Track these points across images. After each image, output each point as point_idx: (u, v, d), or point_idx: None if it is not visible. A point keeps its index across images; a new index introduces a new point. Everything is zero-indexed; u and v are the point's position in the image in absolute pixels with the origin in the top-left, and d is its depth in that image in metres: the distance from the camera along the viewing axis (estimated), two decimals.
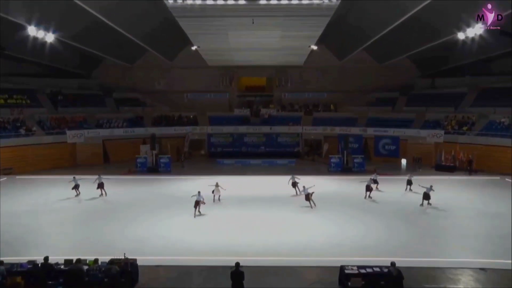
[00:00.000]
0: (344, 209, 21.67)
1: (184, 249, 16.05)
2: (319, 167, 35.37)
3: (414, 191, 24.89)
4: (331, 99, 46.62)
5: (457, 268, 14.03)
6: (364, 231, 18.14)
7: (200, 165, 37.05)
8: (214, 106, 46.21)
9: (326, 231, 18.17)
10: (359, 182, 26.26)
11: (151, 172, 32.72)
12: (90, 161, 36.02)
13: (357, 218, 20.02)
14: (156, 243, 16.70)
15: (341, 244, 16.56)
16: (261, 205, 22.62)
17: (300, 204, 22.53)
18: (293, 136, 42.82)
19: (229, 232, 18.05)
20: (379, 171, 30.34)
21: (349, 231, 18.20)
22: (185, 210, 21.36)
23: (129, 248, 14.68)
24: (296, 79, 47.52)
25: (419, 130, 37.07)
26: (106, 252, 14.63)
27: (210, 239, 17.12)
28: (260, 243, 16.68)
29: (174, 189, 26.85)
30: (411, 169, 33.31)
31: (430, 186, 22.27)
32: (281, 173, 30.73)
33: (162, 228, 18.65)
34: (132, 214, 20.93)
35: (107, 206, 22.57)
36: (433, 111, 39.67)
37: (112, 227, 18.73)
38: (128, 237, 17.32)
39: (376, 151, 38.97)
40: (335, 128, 41.10)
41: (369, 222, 19.34)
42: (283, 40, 31.20)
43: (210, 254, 15.52)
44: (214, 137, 42.60)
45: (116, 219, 20.05)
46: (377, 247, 16.16)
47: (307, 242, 16.80)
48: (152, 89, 46.84)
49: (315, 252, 15.70)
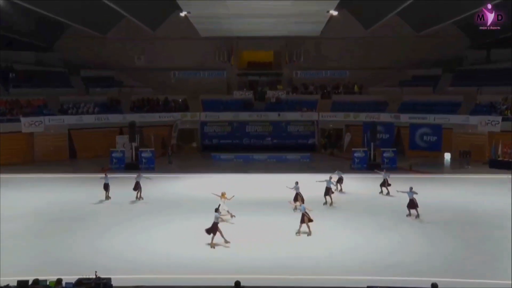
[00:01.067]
0: (371, 216, 21.55)
1: (170, 265, 15.98)
2: (339, 163, 35.17)
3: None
4: (355, 79, 46.39)
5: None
6: (397, 243, 18.02)
7: (191, 161, 36.95)
8: (209, 87, 46.08)
9: (348, 243, 18.08)
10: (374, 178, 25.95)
11: (130, 169, 32.63)
12: (52, 156, 35.94)
13: (389, 228, 19.90)
14: (135, 258, 16.62)
15: (368, 260, 16.43)
16: (267, 211, 22.50)
17: (316, 210, 22.38)
18: (307, 124, 42.68)
19: (227, 244, 17.90)
20: (416, 168, 30.20)
21: (378, 243, 18.08)
22: (172, 217, 21.29)
23: (101, 265, 14.61)
24: (311, 53, 47.24)
25: (468, 117, 36.78)
26: (71, 270, 14.46)
27: (203, 253, 17.03)
28: (266, 257, 16.60)
29: (158, 190, 26.80)
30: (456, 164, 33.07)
31: (410, 188, 21.47)
32: (291, 171, 30.58)
33: (143, 240, 18.55)
34: (106, 222, 20.82)
35: (74, 213, 22.45)
36: (487, 91, 39.26)
37: (80, 239, 18.62)
38: (100, 251, 17.24)
39: (412, 144, 38.79)
40: (360, 115, 40.98)
41: (404, 233, 19.20)
42: (296, 3, 30.87)
43: (204, 271, 15.42)
44: (208, 126, 42.53)
45: (85, 229, 19.94)
46: (415, 264, 16.03)
47: (324, 256, 16.73)
48: (131, 65, 46.74)
49: (335, 269, 15.61)
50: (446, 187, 27.54)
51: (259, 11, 33.06)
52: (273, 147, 41.25)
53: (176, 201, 24.38)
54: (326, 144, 42.67)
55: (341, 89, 46.13)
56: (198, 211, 22.30)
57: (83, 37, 44.41)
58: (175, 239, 18.59)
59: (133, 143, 33.99)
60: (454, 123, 37.21)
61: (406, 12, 38.88)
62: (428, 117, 38.39)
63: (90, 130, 38.40)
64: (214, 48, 46.83)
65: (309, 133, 42.72)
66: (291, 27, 39.25)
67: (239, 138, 42.51)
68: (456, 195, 25.41)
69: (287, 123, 42.67)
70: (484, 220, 20.96)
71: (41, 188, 26.41)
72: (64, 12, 36.10)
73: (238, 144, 41.98)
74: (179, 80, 47.21)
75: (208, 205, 23.19)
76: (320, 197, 23.44)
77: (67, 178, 30.52)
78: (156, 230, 19.72)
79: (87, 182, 28.91)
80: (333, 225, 20.35)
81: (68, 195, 25.65)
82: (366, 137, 35.84)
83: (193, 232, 19.37)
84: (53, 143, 36.71)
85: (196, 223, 20.42)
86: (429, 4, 35.15)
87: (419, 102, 40.91)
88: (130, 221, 20.83)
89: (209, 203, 23.64)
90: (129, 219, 21.08)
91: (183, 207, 23.19)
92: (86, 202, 24.19)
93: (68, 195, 25.78)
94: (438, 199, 24.60)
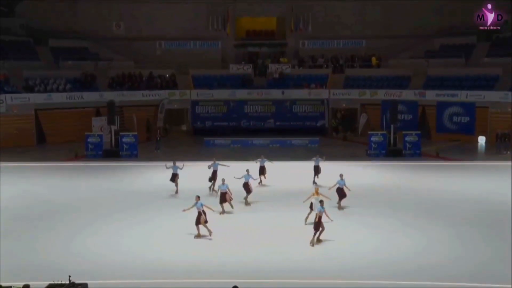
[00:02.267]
0: (392, 212, 21.62)
1: (156, 268, 16.02)
2: (353, 149, 35.29)
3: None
4: (373, 49, 46.33)
5: None
6: (423, 243, 18.08)
7: (180, 148, 36.94)
8: (201, 60, 46.06)
9: (364, 243, 18.14)
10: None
11: (109, 157, 32.78)
12: (16, 141, 35.90)
13: (413, 225, 19.95)
14: (115, 260, 16.67)
15: (388, 262, 16.49)
16: (269, 205, 22.57)
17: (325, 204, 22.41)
18: (316, 104, 42.72)
19: (223, 244, 17.99)
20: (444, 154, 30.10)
21: (400, 243, 18.15)
22: (158, 213, 21.34)
23: (76, 269, 14.65)
24: (321, 20, 47.11)
25: (508, 93, 36.75)
26: (42, 275, 14.51)
27: (195, 255, 17.08)
28: (267, 259, 16.66)
29: (142, 181, 26.85)
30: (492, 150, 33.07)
31: (340, 176, 21.92)
32: (298, 158, 30.58)
33: (124, 239, 18.59)
34: (81, 220, 20.81)
35: (44, 208, 22.47)
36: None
37: (51, 239, 18.63)
38: (74, 253, 17.25)
39: (440, 125, 38.96)
40: (378, 92, 41.11)
41: (431, 231, 19.23)
42: None
43: (196, 275, 15.45)
44: (200, 105, 42.56)
45: (56, 227, 19.94)
46: (444, 267, 16.09)
47: (334, 258, 16.83)
48: (108, 34, 46.66)
49: (348, 272, 15.68)
50: (480, 176, 27.58)
51: None
52: (276, 130, 41.34)
53: (161, 194, 24.39)
54: (338, 126, 42.71)
55: (356, 63, 46.11)
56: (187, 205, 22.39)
57: (50, 0, 44.15)
58: (162, 238, 18.60)
59: (112, 126, 33.96)
60: (491, 100, 37.32)
61: None
62: (459, 94, 38.48)
63: (61, 111, 38.48)
64: (207, 14, 46.65)
65: (318, 114, 42.72)
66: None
67: (236, 120, 42.56)
68: (493, 187, 25.40)
69: (293, 103, 42.66)
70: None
71: (4, 179, 26.34)
72: None
73: (235, 127, 42.05)
74: (166, 52, 47.14)
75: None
76: (355, 188, 23.33)
77: (34, 167, 30.51)
78: (139, 228, 19.72)
79: (59, 172, 28.91)
80: (346, 222, 20.40)
81: (36, 188, 25.65)
82: (385, 118, 35.89)
83: (183, 230, 19.41)
84: (17, 126, 36.69)
85: (184, 220, 20.50)
86: None
87: (448, 77, 40.96)
88: (109, 217, 20.87)
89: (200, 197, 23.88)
90: (107, 215, 21.10)
91: (170, 201, 23.30)
92: (57, 195, 24.19)
93: (36, 187, 25.78)
94: (470, 191, 24.63)
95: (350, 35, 47.00)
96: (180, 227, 19.66)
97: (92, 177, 26.96)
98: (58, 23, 45.41)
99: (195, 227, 18.58)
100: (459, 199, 23.29)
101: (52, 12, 45.14)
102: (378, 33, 46.09)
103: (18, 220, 20.77)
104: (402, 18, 45.50)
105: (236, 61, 46.96)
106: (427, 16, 45.18)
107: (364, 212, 21.59)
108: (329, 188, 22.36)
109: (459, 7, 44.07)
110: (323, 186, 22.94)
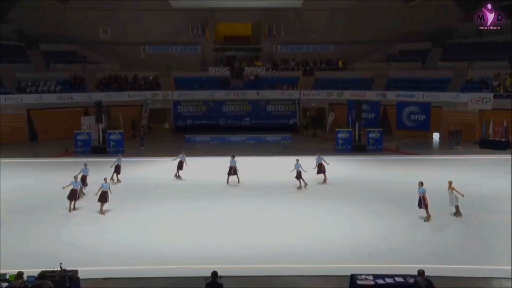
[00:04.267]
0: (358, 201, 21.76)
1: (142, 255, 15.95)
2: (322, 144, 35.43)
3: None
4: (339, 54, 46.50)
5: (508, 279, 14.14)
6: (385, 229, 18.22)
7: (163, 144, 36.76)
8: (182, 63, 45.77)
9: (332, 230, 18.25)
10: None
11: (96, 153, 32.49)
12: (10, 138, 35.50)
13: (375, 212, 20.12)
14: (103, 248, 16.56)
15: (353, 247, 16.65)
16: (246, 196, 22.58)
17: (298, 195, 22.54)
18: (288, 103, 42.86)
19: (203, 231, 17.97)
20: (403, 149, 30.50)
21: (364, 229, 18.28)
22: (143, 204, 21.23)
23: (66, 257, 14.52)
24: (292, 26, 47.23)
25: (459, 94, 37.26)
26: (34, 262, 14.35)
27: (178, 242, 17.07)
28: (246, 246, 16.67)
29: (128, 175, 26.62)
30: (445, 145, 33.59)
31: (296, 160, 23.46)
32: (272, 153, 30.65)
33: (111, 229, 18.50)
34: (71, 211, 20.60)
35: (35, 200, 22.20)
36: (479, 66, 39.70)
37: (43, 229, 18.44)
38: (65, 242, 17.11)
39: (400, 123, 39.33)
40: (344, 93, 41.32)
41: (392, 218, 19.43)
42: None
43: (178, 261, 15.45)
44: (182, 105, 42.39)
45: (48, 218, 19.74)
46: (402, 251, 16.26)
47: (307, 244, 16.85)
48: (96, 39, 46.16)
49: (319, 257, 15.75)
50: (435, 169, 27.91)
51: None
52: (252, 128, 41.36)
53: (146, 187, 24.31)
54: (308, 124, 42.88)
55: (324, 65, 46.22)
56: (170, 197, 22.39)
57: (42, 7, 43.52)
58: (146, 228, 18.51)
59: (100, 124, 33.73)
60: (444, 100, 37.69)
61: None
62: (416, 94, 38.79)
63: (51, 110, 38.10)
64: (188, 21, 46.40)
65: (290, 112, 42.88)
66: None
67: (215, 118, 42.48)
68: (445, 178, 25.67)
69: (267, 102, 42.74)
70: (476, 204, 21.23)
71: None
72: None
73: (214, 125, 42.01)
74: (149, 55, 46.79)
75: (180, 191, 23.43)
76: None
77: (27, 163, 30.10)
78: (125, 218, 19.63)
79: (50, 167, 28.56)
80: (317, 211, 20.49)
81: (28, 182, 25.29)
82: (351, 116, 36.15)
83: (166, 219, 19.39)
84: (11, 124, 36.27)
85: (168, 210, 20.49)
86: None
87: (407, 79, 41.31)
88: (97, 208, 20.63)
89: (182, 189, 23.86)
90: (96, 207, 20.88)
91: (154, 192, 23.22)
92: (48, 189, 23.85)
93: (28, 181, 25.41)
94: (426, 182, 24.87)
95: (319, 40, 47.05)
96: (162, 217, 19.68)
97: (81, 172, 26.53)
98: (49, 28, 44.67)
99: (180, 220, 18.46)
100: (416, 189, 23.51)
101: (43, 18, 44.38)
102: (344, 39, 46.28)
103: (10, 212, 20.42)
104: (365, 25, 45.73)
105: (215, 64, 46.81)
106: (388, 24, 45.46)
107: (333, 201, 21.69)
108: (290, 171, 23.41)
109: (416, 16, 44.56)
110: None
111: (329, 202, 21.64)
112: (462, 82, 38.85)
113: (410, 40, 45.04)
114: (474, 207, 20.64)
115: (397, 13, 45.21)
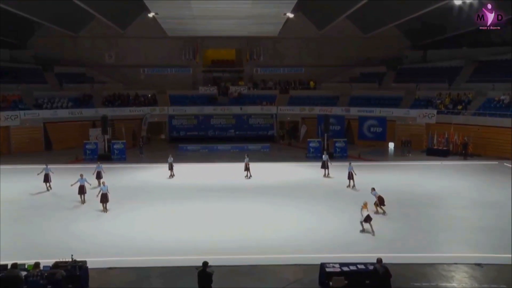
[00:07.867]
0: (325, 200, 21.87)
1: (141, 248, 15.86)
2: (296, 152, 35.54)
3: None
4: (310, 75, 46.76)
5: (451, 264, 14.37)
6: (347, 224, 18.28)
7: (160, 152, 36.52)
8: (176, 83, 45.71)
9: (304, 225, 18.31)
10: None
11: (102, 160, 32.02)
12: (29, 148, 35.06)
13: (340, 210, 20.24)
14: (109, 241, 16.45)
15: (322, 239, 16.71)
16: (231, 196, 22.58)
17: (275, 195, 22.60)
18: (267, 117, 42.86)
19: (195, 227, 17.94)
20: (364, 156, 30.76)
21: (331, 224, 18.38)
22: (142, 204, 21.14)
23: (76, 249, 14.39)
24: (270, 52, 47.39)
25: (409, 110, 37.73)
26: (49, 254, 14.27)
27: (173, 236, 16.99)
28: (231, 239, 16.67)
29: (129, 179, 26.51)
30: (398, 152, 34.01)
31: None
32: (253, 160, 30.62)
33: (116, 224, 18.38)
34: (80, 209, 20.54)
35: (50, 200, 22.03)
36: (424, 87, 40.34)
37: (56, 224, 18.27)
38: (75, 236, 16.96)
39: (361, 134, 39.51)
40: (314, 108, 41.41)
41: (353, 214, 19.36)
42: (255, 6, 30.84)
43: (173, 252, 15.39)
44: (176, 119, 42.16)
45: (61, 214, 19.58)
46: (362, 242, 16.37)
47: (283, 237, 16.89)
48: (102, 62, 45.83)
49: (293, 248, 15.80)
50: (390, 173, 28.22)
51: (222, 13, 32.90)
52: (236, 138, 41.25)
53: (145, 188, 24.17)
54: (284, 135, 42.98)
55: (297, 85, 46.46)
56: (166, 197, 22.33)
57: (55, 35, 43.13)
58: (146, 223, 18.42)
59: (106, 135, 33.49)
60: (397, 115, 38.03)
61: (355, 15, 39.48)
62: (374, 110, 39.07)
63: (64, 123, 37.68)
64: (181, 47, 46.30)
65: (269, 125, 42.88)
66: (251, 27, 39.22)
67: (204, 130, 42.27)
68: (398, 180, 26.10)
69: (249, 116, 42.70)
70: (421, 201, 21.62)
71: (17, 178, 25.56)
72: (36, 11, 34.90)
73: (203, 135, 41.78)
74: (148, 76, 46.56)
75: (175, 192, 23.36)
76: (298, 183, 24.07)
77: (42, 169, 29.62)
78: (127, 215, 19.52)
79: (62, 172, 28.18)
80: (291, 209, 20.54)
81: (43, 184, 24.77)
82: (320, 128, 36.24)
83: (163, 216, 19.32)
84: (29, 136, 35.87)
85: (164, 208, 20.41)
86: (374, 9, 35.78)
87: (366, 97, 41.64)
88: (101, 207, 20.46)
89: (177, 190, 23.78)
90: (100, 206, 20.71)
91: (152, 194, 23.04)
92: (61, 190, 23.53)
93: (43, 184, 24.89)
94: (383, 184, 25.17)
95: (292, 64, 47.25)
96: (160, 214, 19.60)
97: (89, 176, 26.23)
98: (62, 53, 44.43)
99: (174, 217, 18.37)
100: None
101: (57, 45, 44.05)
102: (314, 63, 46.58)
103: (29, 209, 20.32)
104: (331, 52, 46.14)
105: (204, 83, 46.70)
106: (350, 51, 45.88)
107: (304, 200, 21.79)
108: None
109: (373, 44, 45.05)
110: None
111: (302, 200, 21.70)
112: (411, 100, 39.39)
113: (369, 64, 45.64)
114: (421, 204, 21.01)
115: (358, 43, 45.67)
